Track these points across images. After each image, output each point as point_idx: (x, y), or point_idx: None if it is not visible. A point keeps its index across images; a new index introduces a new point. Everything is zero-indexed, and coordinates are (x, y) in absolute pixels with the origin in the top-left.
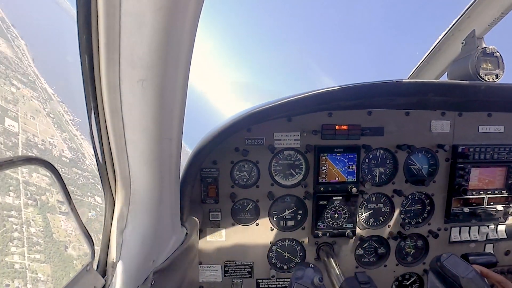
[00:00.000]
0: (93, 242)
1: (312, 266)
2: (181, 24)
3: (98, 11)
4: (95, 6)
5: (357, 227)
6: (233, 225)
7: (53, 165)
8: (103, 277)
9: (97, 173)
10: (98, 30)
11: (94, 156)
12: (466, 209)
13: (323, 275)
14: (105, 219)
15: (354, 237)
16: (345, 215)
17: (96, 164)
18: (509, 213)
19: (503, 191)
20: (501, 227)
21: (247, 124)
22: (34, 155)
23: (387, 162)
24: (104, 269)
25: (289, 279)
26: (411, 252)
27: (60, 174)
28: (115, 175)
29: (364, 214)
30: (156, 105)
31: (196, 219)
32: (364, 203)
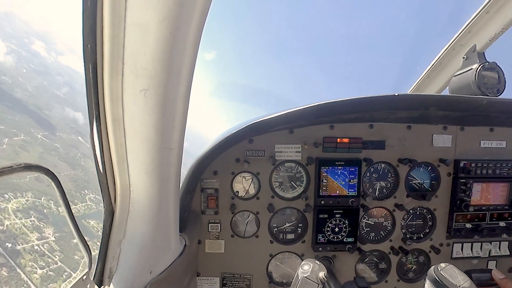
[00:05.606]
0: (90, 251)
1: (318, 263)
2: (185, 34)
3: (103, 20)
4: (100, 16)
5: (358, 241)
6: (232, 236)
7: (52, 172)
8: None
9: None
10: (103, 40)
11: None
12: (469, 225)
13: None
14: (103, 228)
15: (354, 251)
16: (345, 229)
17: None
18: None
19: (505, 207)
20: (504, 244)
21: (249, 135)
22: (34, 162)
23: (389, 176)
24: (100, 279)
25: None
26: (413, 268)
27: (59, 181)
28: (115, 184)
29: (365, 228)
30: (158, 115)
31: (195, 230)
32: (365, 217)
